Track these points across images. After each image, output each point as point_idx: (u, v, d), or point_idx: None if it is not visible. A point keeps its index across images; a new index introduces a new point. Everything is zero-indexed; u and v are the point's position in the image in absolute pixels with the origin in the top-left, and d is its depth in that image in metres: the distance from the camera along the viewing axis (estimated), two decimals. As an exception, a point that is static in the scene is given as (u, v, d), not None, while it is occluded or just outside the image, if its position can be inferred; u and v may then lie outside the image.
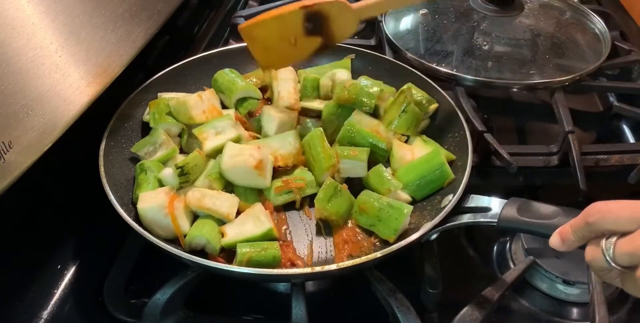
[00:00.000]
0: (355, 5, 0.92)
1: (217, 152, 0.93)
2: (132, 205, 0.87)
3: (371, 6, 0.93)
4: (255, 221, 0.85)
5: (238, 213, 0.87)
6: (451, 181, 0.91)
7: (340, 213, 0.88)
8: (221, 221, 0.86)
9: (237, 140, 0.95)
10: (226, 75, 1.06)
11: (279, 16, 0.91)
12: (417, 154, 0.96)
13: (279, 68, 1.06)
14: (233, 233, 0.84)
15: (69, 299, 0.86)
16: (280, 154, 0.94)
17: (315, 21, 0.91)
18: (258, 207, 0.87)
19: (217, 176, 0.90)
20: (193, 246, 0.83)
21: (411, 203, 0.91)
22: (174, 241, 0.84)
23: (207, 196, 0.86)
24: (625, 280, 0.58)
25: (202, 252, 0.83)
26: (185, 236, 0.84)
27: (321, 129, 0.96)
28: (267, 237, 0.84)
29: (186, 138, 0.99)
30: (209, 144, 0.94)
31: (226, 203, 0.86)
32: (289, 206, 0.93)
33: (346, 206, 0.89)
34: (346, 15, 0.92)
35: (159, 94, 1.04)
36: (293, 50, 0.95)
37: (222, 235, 0.84)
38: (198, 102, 0.99)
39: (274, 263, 0.80)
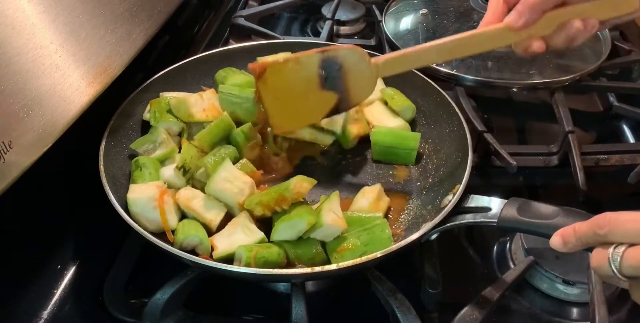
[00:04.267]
0: (374, 59, 0.84)
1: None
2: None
3: (391, 62, 0.84)
4: (245, 230, 0.84)
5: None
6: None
7: (304, 261, 0.81)
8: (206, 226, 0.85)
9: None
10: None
11: (294, 59, 0.83)
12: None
13: (290, 129, 0.96)
14: (223, 244, 0.82)
15: (69, 299, 0.86)
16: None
17: (331, 70, 0.83)
18: (244, 215, 0.85)
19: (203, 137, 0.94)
20: (184, 245, 0.82)
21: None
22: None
23: (197, 197, 0.86)
24: (633, 289, 0.58)
25: (192, 252, 0.82)
26: (172, 231, 0.83)
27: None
28: None
29: (186, 137, 0.99)
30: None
31: (213, 210, 0.86)
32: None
33: (312, 251, 0.82)
34: (364, 69, 0.84)
35: (160, 93, 1.04)
36: (306, 107, 0.87)
37: (212, 248, 0.82)
38: (198, 101, 0.99)
39: (280, 261, 0.80)
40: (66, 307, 0.85)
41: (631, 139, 1.18)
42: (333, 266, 0.74)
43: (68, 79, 0.78)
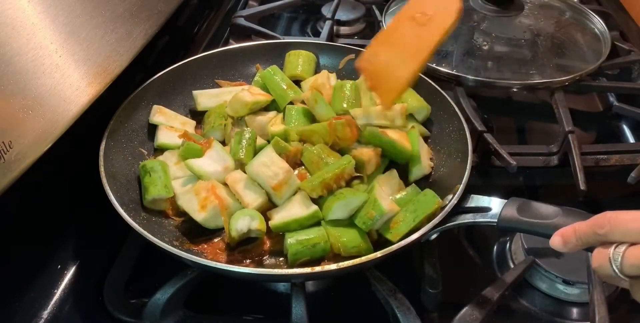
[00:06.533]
0: None
1: None
2: (132, 205, 0.87)
3: None
4: (301, 205, 0.87)
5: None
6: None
7: (349, 249, 0.83)
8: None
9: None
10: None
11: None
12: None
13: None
14: (279, 216, 0.86)
15: (69, 299, 0.86)
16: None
17: None
18: (301, 194, 0.88)
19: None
20: (239, 230, 0.84)
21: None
22: (176, 240, 0.84)
23: (242, 181, 0.89)
24: (634, 288, 0.58)
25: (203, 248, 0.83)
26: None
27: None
28: (314, 219, 0.86)
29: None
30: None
31: (253, 195, 0.88)
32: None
33: (358, 240, 0.84)
34: None
35: (194, 92, 1.07)
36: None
37: (269, 218, 0.86)
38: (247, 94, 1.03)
39: (324, 255, 0.84)
40: (66, 307, 0.85)
41: (631, 139, 1.18)
42: (333, 266, 0.74)
43: (68, 79, 0.78)
